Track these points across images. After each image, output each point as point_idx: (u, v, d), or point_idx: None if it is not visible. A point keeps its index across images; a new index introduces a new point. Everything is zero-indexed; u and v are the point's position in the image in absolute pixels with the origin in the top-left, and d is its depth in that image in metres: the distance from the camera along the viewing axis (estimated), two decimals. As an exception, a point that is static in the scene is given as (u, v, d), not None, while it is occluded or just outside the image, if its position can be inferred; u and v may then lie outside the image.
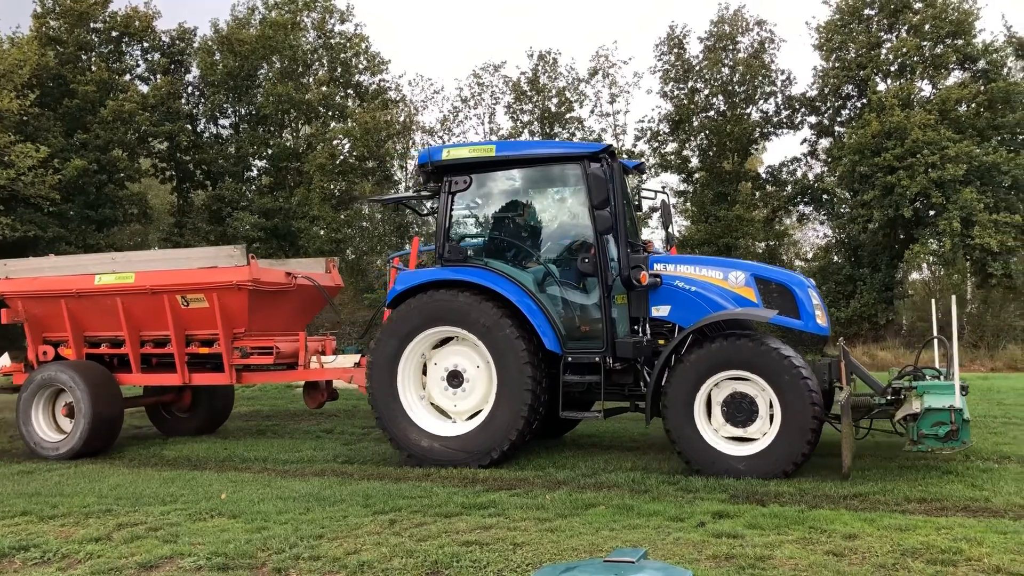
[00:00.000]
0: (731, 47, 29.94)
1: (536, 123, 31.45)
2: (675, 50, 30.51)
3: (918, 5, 26.87)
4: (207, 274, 10.29)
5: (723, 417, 7.92)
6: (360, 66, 33.17)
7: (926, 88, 27.09)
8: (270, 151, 31.97)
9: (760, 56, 29.66)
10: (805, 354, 8.17)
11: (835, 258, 29.90)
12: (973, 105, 25.76)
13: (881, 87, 26.84)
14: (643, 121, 31.86)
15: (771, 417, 7.77)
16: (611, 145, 8.88)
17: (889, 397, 8.03)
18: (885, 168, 24.98)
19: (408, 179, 33.93)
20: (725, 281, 8.53)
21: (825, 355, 10.64)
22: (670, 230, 10.28)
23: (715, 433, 7.96)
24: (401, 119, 33.25)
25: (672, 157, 30.77)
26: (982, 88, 25.60)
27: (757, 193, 31.46)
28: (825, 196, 29.65)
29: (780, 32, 38.36)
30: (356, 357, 10.43)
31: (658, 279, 8.56)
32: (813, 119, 30.01)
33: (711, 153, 30.86)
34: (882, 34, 27.64)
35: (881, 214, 25.39)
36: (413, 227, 31.46)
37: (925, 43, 26.56)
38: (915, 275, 32.70)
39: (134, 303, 10.59)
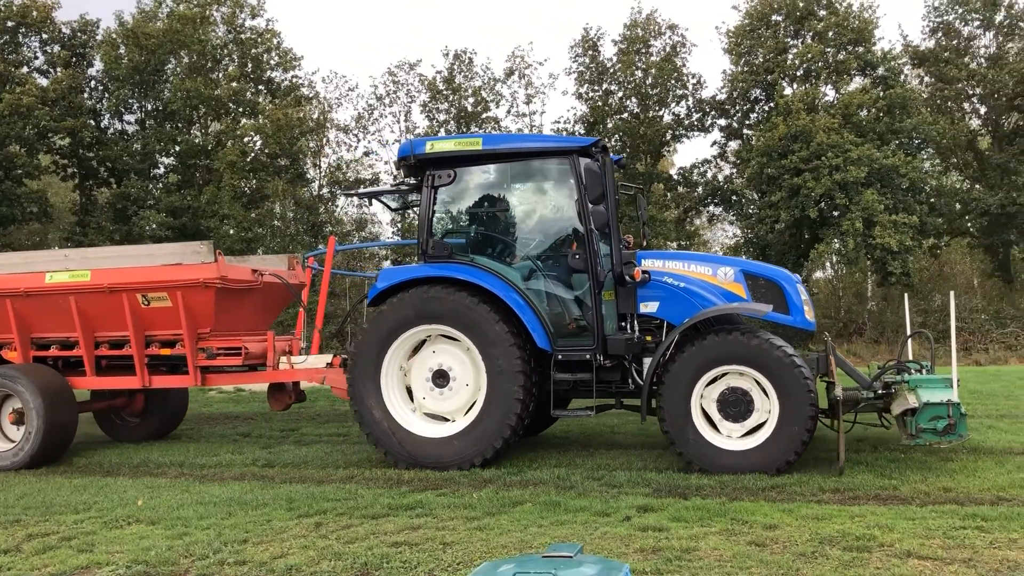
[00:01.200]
0: (644, 50, 30.44)
1: (452, 122, 31.38)
2: (589, 52, 30.88)
3: (822, 13, 27.86)
4: (171, 271, 9.84)
5: (718, 412, 7.93)
6: (272, 62, 32.44)
7: (830, 93, 28.13)
8: (178, 148, 30.95)
9: (672, 59, 30.21)
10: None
11: (744, 257, 30.72)
12: (873, 110, 26.81)
13: (788, 91, 27.69)
14: (559, 122, 32.20)
15: (760, 423, 7.85)
16: (602, 139, 8.81)
17: (879, 392, 8.15)
18: (791, 170, 25.78)
19: (322, 177, 33.43)
20: (714, 277, 8.55)
21: (811, 350, 10.78)
22: (646, 227, 10.33)
23: (713, 429, 7.97)
24: (315, 116, 32.74)
25: (587, 158, 31.00)
26: (881, 94, 26.69)
27: (669, 194, 32.08)
28: (734, 197, 30.47)
29: (691, 36, 39.37)
30: (327, 357, 10.16)
31: (647, 275, 8.53)
32: (723, 122, 30.78)
33: (625, 154, 31.31)
34: (788, 40, 28.54)
35: (788, 215, 26.20)
36: (327, 226, 31.02)
37: (829, 49, 27.52)
38: (819, 274, 33.94)
39: (89, 303, 10.05)
